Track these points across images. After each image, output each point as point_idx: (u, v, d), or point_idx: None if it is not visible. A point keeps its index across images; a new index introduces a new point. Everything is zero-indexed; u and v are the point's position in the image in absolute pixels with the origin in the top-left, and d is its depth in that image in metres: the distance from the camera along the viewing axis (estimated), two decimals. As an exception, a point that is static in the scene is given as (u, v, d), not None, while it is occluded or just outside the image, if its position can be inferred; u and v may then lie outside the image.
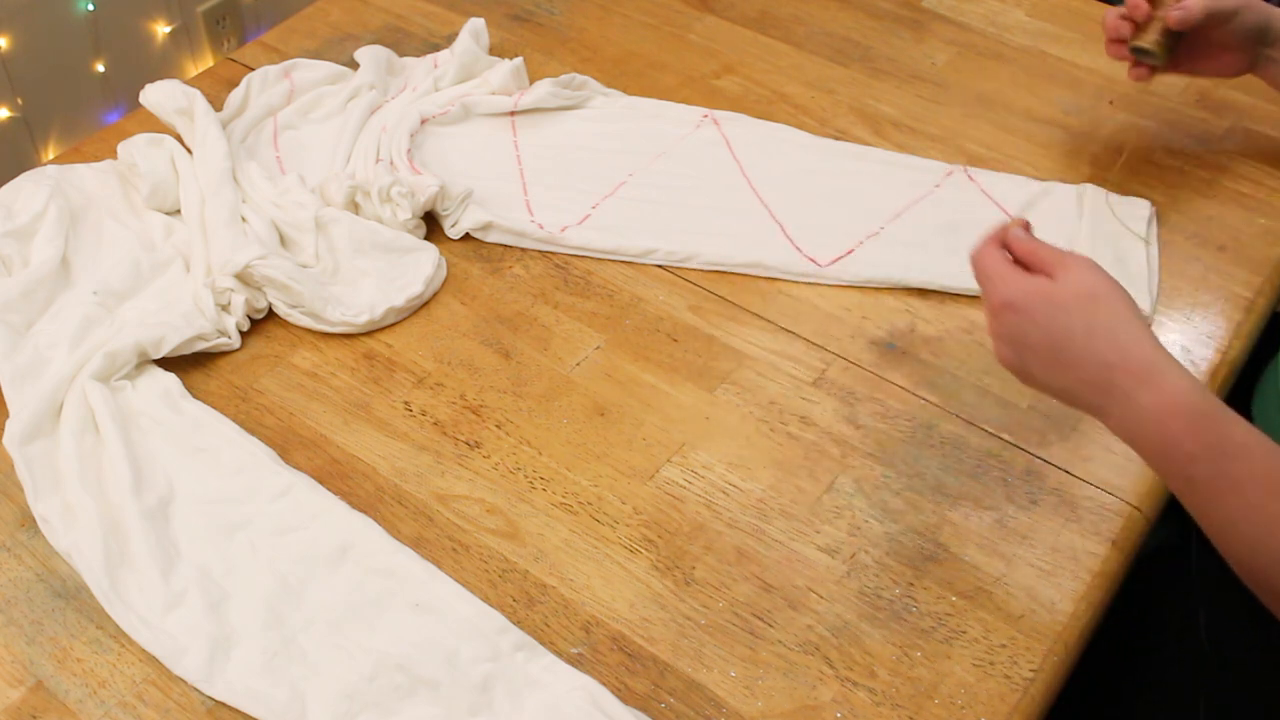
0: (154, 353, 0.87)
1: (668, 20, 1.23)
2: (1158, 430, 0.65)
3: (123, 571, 0.75)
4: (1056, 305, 0.67)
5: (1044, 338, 0.68)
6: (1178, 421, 0.64)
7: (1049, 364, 0.68)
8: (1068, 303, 0.67)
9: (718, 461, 0.83)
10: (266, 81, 1.10)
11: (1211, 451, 0.64)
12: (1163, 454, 0.65)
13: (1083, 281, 0.68)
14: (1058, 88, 1.15)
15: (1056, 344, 0.67)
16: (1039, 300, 0.68)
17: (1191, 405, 0.64)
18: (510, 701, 0.70)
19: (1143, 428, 0.66)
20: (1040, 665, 0.73)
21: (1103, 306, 0.67)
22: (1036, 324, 0.68)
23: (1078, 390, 0.68)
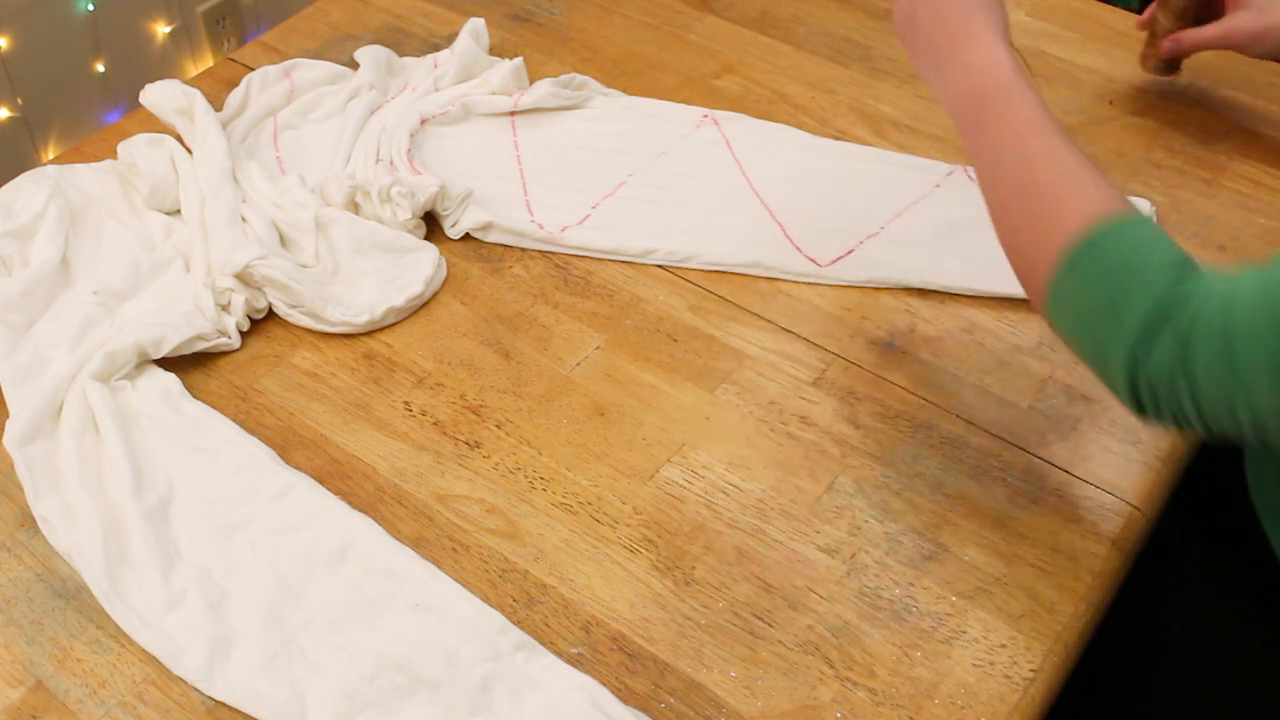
0: (154, 353, 0.87)
1: (668, 20, 1.23)
2: (977, 75, 0.76)
3: (123, 571, 0.75)
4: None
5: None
6: (993, 73, 0.75)
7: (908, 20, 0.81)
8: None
9: (718, 461, 0.83)
10: (266, 81, 1.10)
11: (1004, 94, 0.74)
12: (967, 95, 0.76)
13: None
14: (1058, 88, 1.15)
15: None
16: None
17: (1006, 64, 0.75)
18: (510, 701, 0.70)
19: (966, 72, 0.76)
20: (1040, 665, 0.73)
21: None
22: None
23: (924, 47, 0.80)
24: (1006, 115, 0.73)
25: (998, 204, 0.74)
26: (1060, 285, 0.69)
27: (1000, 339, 0.92)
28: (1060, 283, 0.69)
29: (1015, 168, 0.72)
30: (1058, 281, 0.69)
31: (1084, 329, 0.68)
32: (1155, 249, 0.66)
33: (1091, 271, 0.67)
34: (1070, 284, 0.68)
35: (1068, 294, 0.68)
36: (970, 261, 0.97)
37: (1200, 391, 0.63)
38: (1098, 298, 0.67)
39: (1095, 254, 0.67)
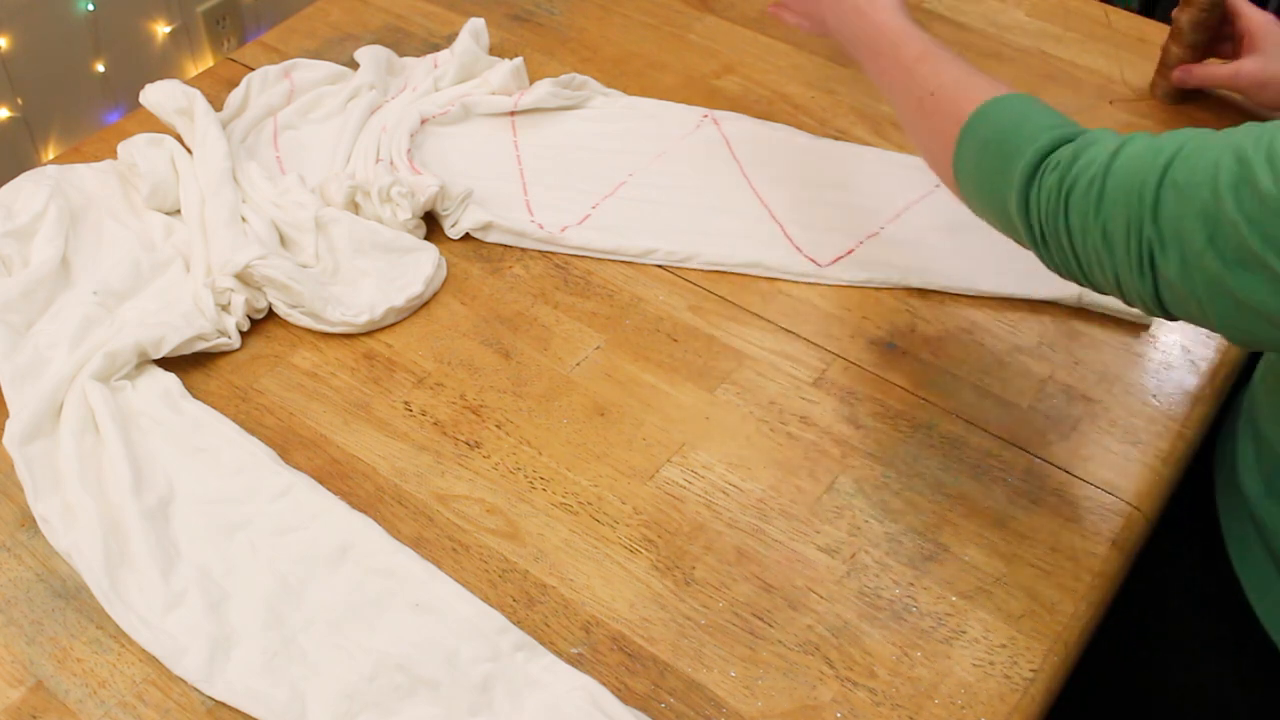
0: (154, 353, 0.87)
1: (668, 20, 1.23)
2: (882, 20, 0.85)
3: (123, 571, 0.75)
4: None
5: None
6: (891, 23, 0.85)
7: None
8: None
9: (718, 461, 0.83)
10: (266, 81, 1.10)
11: (902, 30, 0.84)
12: (865, 32, 0.86)
13: None
14: (1058, 88, 1.15)
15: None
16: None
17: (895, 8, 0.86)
18: (510, 701, 0.70)
19: (870, 22, 0.86)
20: (1040, 665, 0.73)
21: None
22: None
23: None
24: (900, 45, 0.83)
25: (904, 115, 0.83)
26: (960, 157, 0.75)
27: (1000, 339, 0.92)
28: (959, 155, 0.75)
29: (916, 86, 0.80)
30: (957, 154, 0.76)
31: (985, 187, 0.74)
32: (1041, 111, 0.73)
33: (983, 135, 0.74)
34: (967, 151, 0.75)
35: (966, 161, 0.75)
36: (970, 261, 0.97)
37: (1074, 233, 0.68)
38: (992, 155, 0.73)
39: (985, 120, 0.74)
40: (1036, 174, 0.70)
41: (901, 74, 0.82)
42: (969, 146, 0.75)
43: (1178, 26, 1.07)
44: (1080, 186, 0.67)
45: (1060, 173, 0.68)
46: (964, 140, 0.75)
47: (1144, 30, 1.21)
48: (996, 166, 0.72)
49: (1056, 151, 0.70)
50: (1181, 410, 0.87)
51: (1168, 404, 0.87)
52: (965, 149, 0.75)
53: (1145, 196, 0.64)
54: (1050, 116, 0.73)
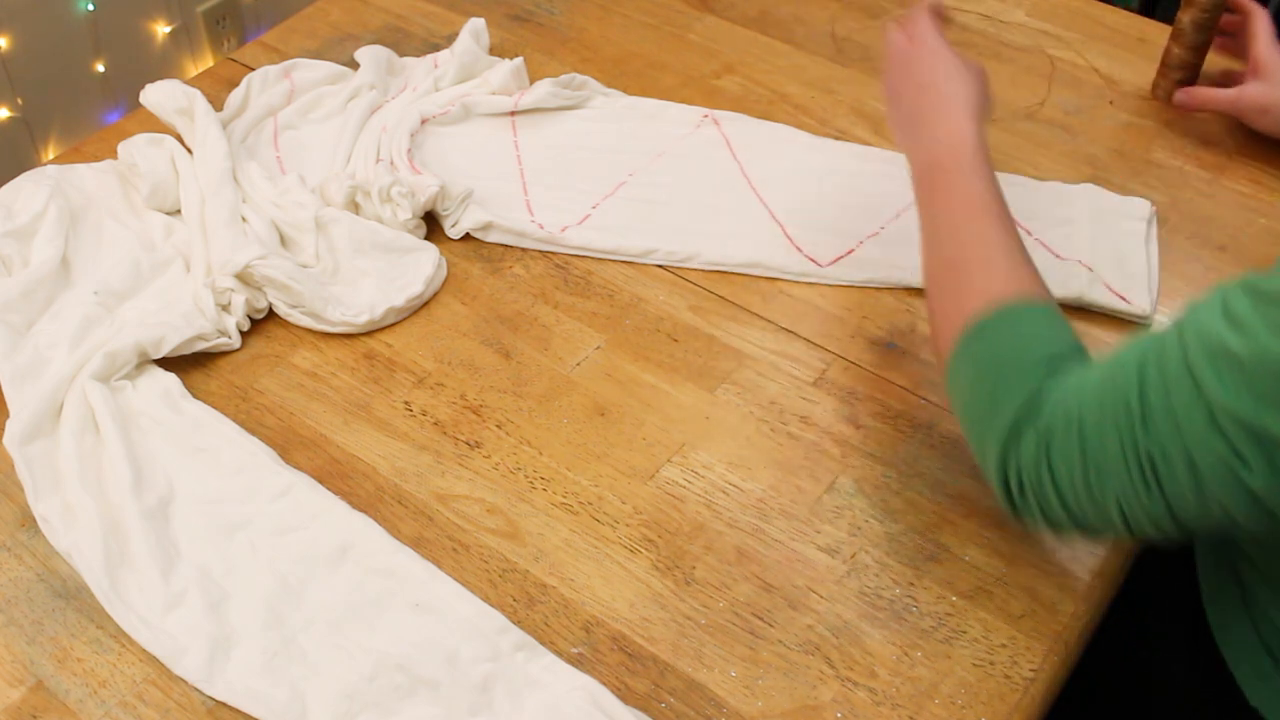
0: (154, 353, 0.87)
1: (668, 20, 1.23)
2: (939, 148, 0.81)
3: (123, 571, 0.75)
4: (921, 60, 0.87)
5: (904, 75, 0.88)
6: (952, 147, 0.80)
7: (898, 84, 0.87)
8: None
9: (718, 461, 0.83)
10: (266, 81, 1.10)
11: (958, 169, 0.79)
12: (926, 166, 0.81)
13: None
14: (1058, 88, 1.15)
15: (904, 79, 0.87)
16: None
17: (969, 141, 0.80)
18: (510, 701, 0.70)
19: (930, 145, 0.82)
20: (1040, 665, 0.73)
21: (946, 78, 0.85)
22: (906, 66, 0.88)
23: (903, 116, 0.86)
24: (953, 190, 0.78)
25: (928, 274, 0.79)
26: (953, 366, 0.74)
27: (1000, 339, 0.92)
28: (953, 363, 0.74)
29: (947, 242, 0.77)
30: (952, 361, 0.74)
31: (968, 416, 0.72)
32: (1036, 341, 0.70)
33: (977, 357, 0.72)
34: (959, 366, 0.73)
35: (958, 376, 0.73)
36: (970, 261, 0.97)
37: (1061, 483, 0.66)
38: (980, 388, 0.71)
39: (982, 339, 0.72)
40: (1017, 430, 0.68)
41: (946, 213, 0.78)
42: (962, 361, 0.73)
43: (1179, 27, 1.08)
44: (1059, 431, 0.66)
45: (1036, 429, 0.67)
46: (959, 349, 0.73)
47: (1144, 30, 1.21)
48: (983, 406, 0.70)
49: (1036, 402, 0.67)
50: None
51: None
52: (958, 361, 0.73)
53: (1131, 409, 0.62)
54: (1044, 344, 0.70)
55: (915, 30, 0.89)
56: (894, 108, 0.87)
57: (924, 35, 0.88)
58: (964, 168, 0.79)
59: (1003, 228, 0.76)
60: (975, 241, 0.76)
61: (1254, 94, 1.03)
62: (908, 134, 0.84)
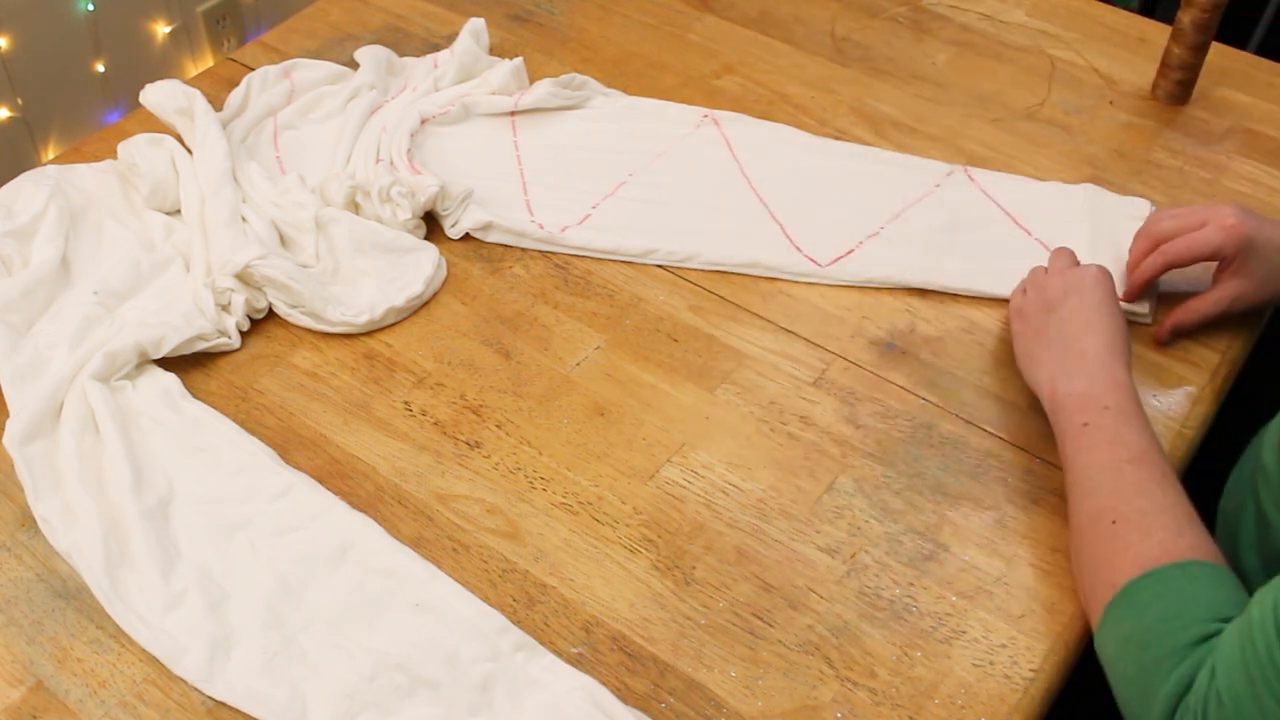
0: (154, 353, 0.87)
1: (668, 20, 1.23)
2: (1099, 386, 0.78)
3: (123, 571, 0.75)
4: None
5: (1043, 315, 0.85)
6: (1114, 390, 0.78)
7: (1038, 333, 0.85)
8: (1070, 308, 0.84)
9: (718, 461, 0.83)
10: (266, 81, 1.10)
11: (1121, 413, 0.76)
12: (1083, 400, 0.78)
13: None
14: (1058, 88, 1.15)
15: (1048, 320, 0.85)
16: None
17: (1128, 388, 0.78)
18: (510, 701, 0.70)
19: (1089, 379, 0.79)
20: (1040, 665, 0.73)
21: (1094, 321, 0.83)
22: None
23: (1049, 338, 0.83)
24: (1114, 435, 0.75)
25: (1077, 519, 0.75)
26: (1102, 629, 0.71)
27: (1000, 339, 0.92)
28: (1103, 627, 0.71)
29: (1105, 492, 0.73)
30: (1101, 624, 0.71)
31: (1120, 689, 0.69)
32: (1181, 617, 0.67)
33: (1122, 633, 0.69)
34: (1109, 632, 0.70)
35: (1107, 642, 0.70)
36: (970, 261, 0.97)
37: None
38: (1128, 662, 0.68)
39: (1131, 607, 0.69)
40: (1170, 714, 0.65)
41: (1107, 459, 0.74)
42: (1110, 627, 0.70)
43: (1179, 27, 1.08)
44: (1213, 710, 0.62)
45: (1190, 709, 0.64)
46: (1107, 615, 0.70)
47: (1144, 30, 1.21)
48: (1133, 683, 0.67)
49: (1187, 685, 0.65)
50: (1181, 410, 0.87)
51: (1168, 404, 0.87)
52: (1107, 626, 0.70)
53: (1278, 664, 0.60)
54: (1190, 614, 0.66)
55: (1060, 266, 0.87)
56: (1035, 330, 0.84)
57: (1072, 272, 0.86)
58: (1127, 413, 0.76)
59: (1164, 482, 0.73)
60: (1134, 496, 0.72)
61: (1242, 293, 0.89)
62: (1050, 368, 0.81)
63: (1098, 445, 0.75)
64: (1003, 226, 1.00)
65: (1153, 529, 0.71)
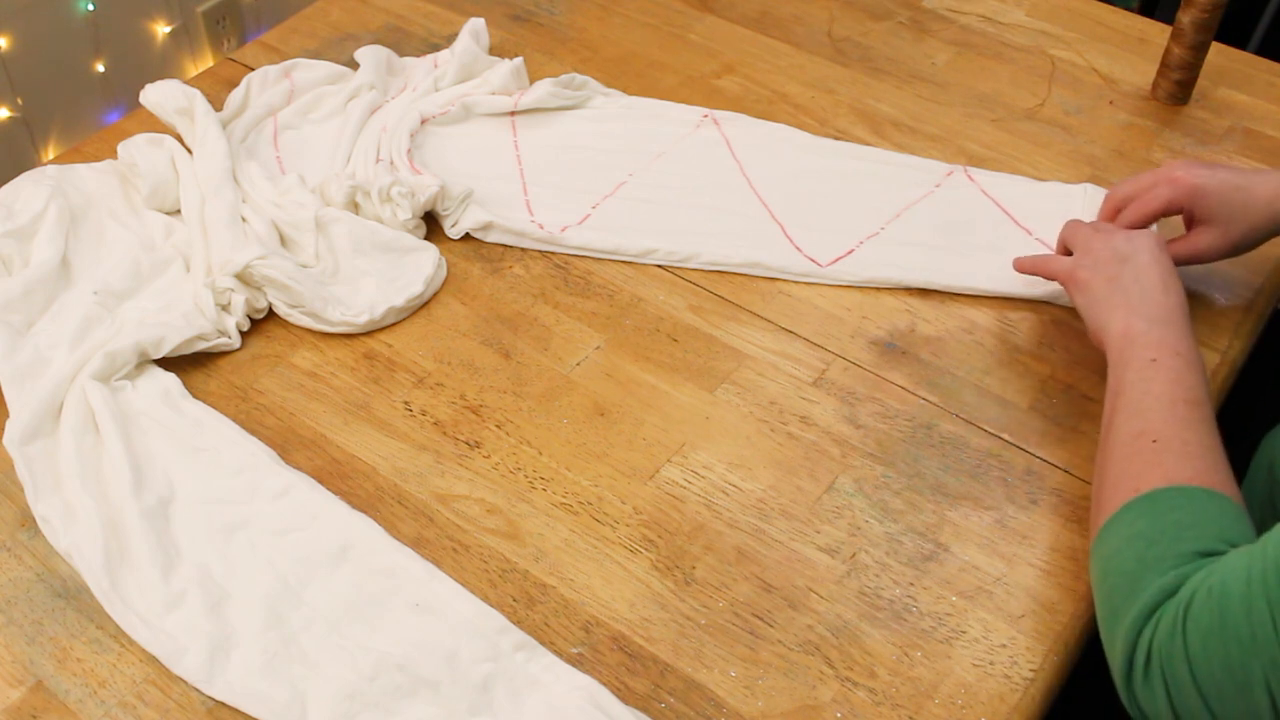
0: (154, 353, 0.87)
1: (668, 20, 1.23)
2: (1175, 334, 0.79)
3: (123, 571, 0.75)
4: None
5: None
6: (1185, 338, 0.78)
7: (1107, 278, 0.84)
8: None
9: (718, 461, 0.83)
10: (266, 81, 1.10)
11: (1187, 358, 0.77)
12: (1158, 340, 0.78)
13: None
14: (1058, 88, 1.15)
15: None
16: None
17: (1193, 343, 0.79)
18: (510, 701, 0.70)
19: (1165, 324, 0.79)
20: (1040, 665, 0.73)
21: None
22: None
23: (1125, 282, 0.83)
24: (1178, 376, 0.76)
25: (1116, 435, 0.75)
26: (1110, 526, 0.71)
27: (1000, 339, 0.92)
28: (1111, 524, 0.71)
29: (1153, 415, 0.74)
30: (1110, 521, 0.71)
31: (1106, 580, 0.70)
32: (1201, 528, 0.67)
33: (1132, 530, 0.69)
34: (1116, 530, 0.70)
35: (1108, 539, 0.71)
36: (970, 261, 0.97)
37: (1195, 659, 0.62)
38: (1128, 555, 0.68)
39: (1148, 510, 0.69)
40: (1151, 611, 0.66)
41: (1159, 391, 0.75)
42: (1116, 527, 0.71)
43: (1179, 27, 1.08)
44: (1198, 602, 0.63)
45: (1175, 602, 0.64)
46: (1118, 515, 0.71)
47: (1144, 30, 1.21)
48: (1125, 578, 0.68)
49: (1178, 584, 0.65)
50: (1181, 410, 0.87)
51: (1168, 404, 0.87)
52: (1113, 526, 0.71)
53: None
54: (1203, 529, 0.67)
55: (1142, 241, 0.86)
56: (1107, 285, 0.83)
57: (1133, 233, 0.86)
58: (1193, 363, 0.77)
59: (1213, 429, 0.74)
60: (1181, 426, 0.73)
61: (1210, 241, 0.89)
62: (1126, 310, 0.81)
63: (1159, 378, 0.76)
64: (1003, 226, 1.00)
65: (1192, 457, 0.71)
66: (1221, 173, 0.87)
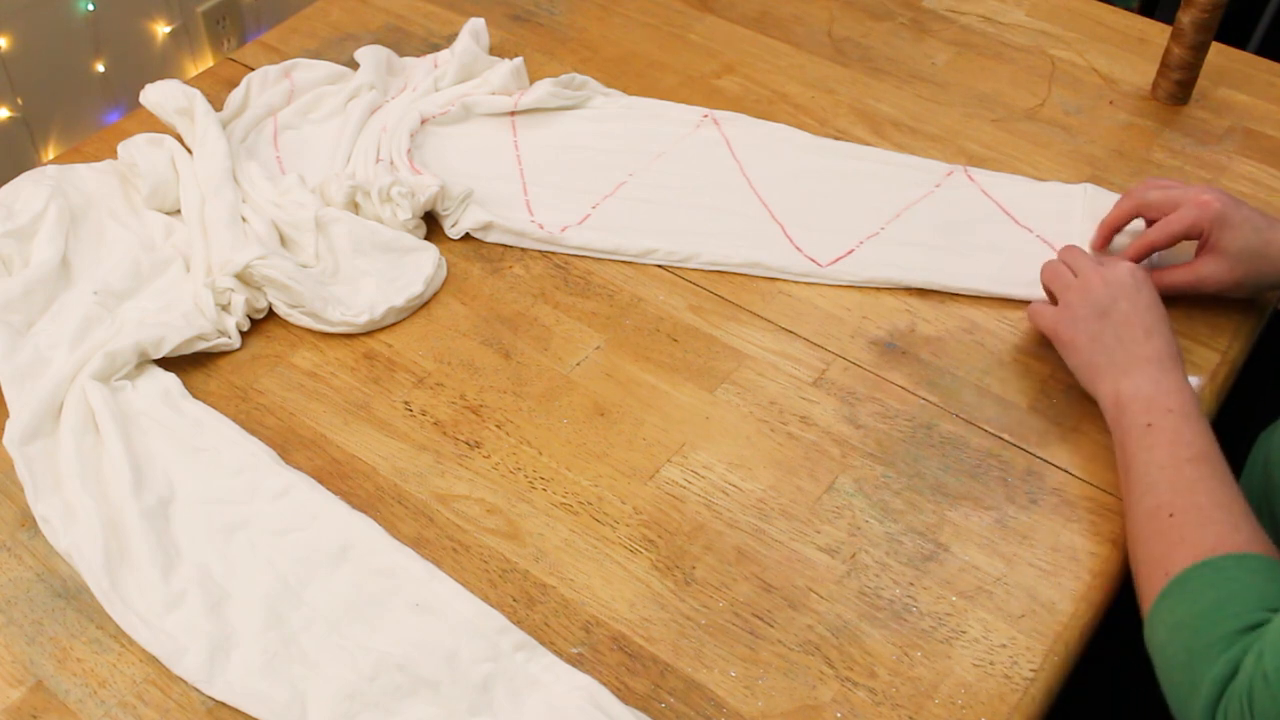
0: (154, 353, 0.87)
1: (668, 20, 1.23)
2: (1163, 390, 0.79)
3: (123, 571, 0.75)
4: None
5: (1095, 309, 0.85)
6: (1175, 394, 0.79)
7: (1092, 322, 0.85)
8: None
9: (718, 461, 0.83)
10: (266, 81, 1.10)
11: (1183, 415, 0.77)
12: (1148, 402, 0.79)
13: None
14: (1058, 88, 1.15)
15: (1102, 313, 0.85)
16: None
17: (1189, 392, 0.79)
18: (510, 701, 0.70)
19: (1154, 382, 0.80)
20: (1040, 665, 0.73)
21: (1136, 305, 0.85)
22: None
23: (1105, 342, 0.83)
24: (1176, 436, 0.76)
25: (1135, 514, 0.76)
26: (1153, 617, 0.71)
27: (1000, 339, 0.92)
28: (1154, 614, 0.71)
29: (1163, 488, 0.74)
30: (1153, 612, 0.71)
31: (1167, 676, 0.70)
32: (1239, 600, 0.67)
33: (1174, 619, 0.69)
34: (1160, 619, 0.71)
35: (1158, 629, 0.71)
36: (970, 261, 0.97)
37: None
38: (1178, 648, 0.68)
39: (1184, 595, 0.69)
40: (1217, 698, 0.66)
41: (1168, 458, 0.75)
42: (1161, 614, 0.71)
43: (1179, 27, 1.08)
44: (1259, 689, 0.63)
45: (1237, 692, 0.64)
46: (1159, 602, 0.71)
47: (1144, 30, 1.21)
48: (1182, 668, 0.68)
49: (1235, 668, 0.65)
50: (1181, 410, 0.87)
51: (1168, 404, 0.87)
52: (1157, 614, 0.71)
53: None
54: (1241, 602, 0.67)
55: (1087, 265, 0.87)
56: (1092, 348, 0.84)
57: (1110, 273, 0.86)
58: (1189, 415, 0.77)
59: (1222, 480, 0.74)
60: (1191, 490, 0.73)
61: (1214, 273, 0.90)
62: (1114, 374, 0.82)
63: (1159, 444, 0.76)
64: (1002, 226, 1.00)
65: (1209, 523, 0.71)
66: (1246, 210, 0.88)
